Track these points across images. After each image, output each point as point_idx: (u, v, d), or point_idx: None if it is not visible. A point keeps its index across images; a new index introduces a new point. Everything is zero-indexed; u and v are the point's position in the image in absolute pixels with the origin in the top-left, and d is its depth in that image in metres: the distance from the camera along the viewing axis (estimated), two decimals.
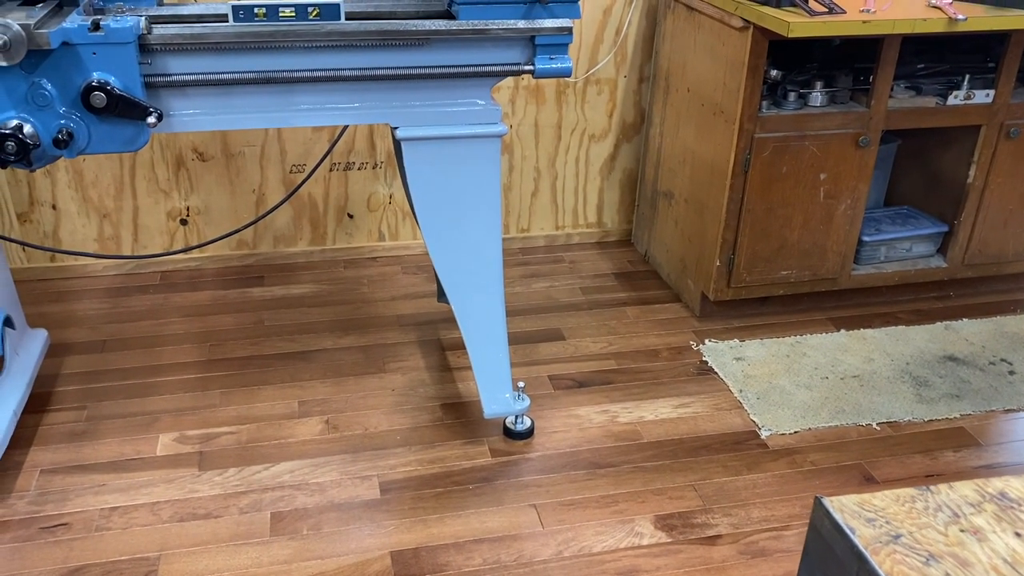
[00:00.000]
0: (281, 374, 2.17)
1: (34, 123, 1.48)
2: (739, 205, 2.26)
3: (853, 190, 2.30)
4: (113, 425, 1.99)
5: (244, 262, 2.68)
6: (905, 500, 0.61)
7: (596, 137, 2.77)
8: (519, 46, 1.69)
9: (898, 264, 2.50)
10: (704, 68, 2.32)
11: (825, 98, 2.23)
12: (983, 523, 0.60)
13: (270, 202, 2.62)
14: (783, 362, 2.27)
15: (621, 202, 2.90)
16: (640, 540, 1.70)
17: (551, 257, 2.83)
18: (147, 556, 1.64)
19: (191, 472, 1.84)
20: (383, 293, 2.57)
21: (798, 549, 1.69)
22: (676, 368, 2.25)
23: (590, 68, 2.65)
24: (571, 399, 2.12)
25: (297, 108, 1.67)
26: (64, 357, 2.22)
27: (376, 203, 2.71)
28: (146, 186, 2.54)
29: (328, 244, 2.73)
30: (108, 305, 2.48)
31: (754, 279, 2.36)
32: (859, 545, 0.57)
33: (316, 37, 1.59)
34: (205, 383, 2.13)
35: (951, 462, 1.95)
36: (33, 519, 1.71)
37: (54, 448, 1.91)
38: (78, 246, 2.57)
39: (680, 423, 2.05)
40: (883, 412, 2.10)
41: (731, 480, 1.87)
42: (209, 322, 2.40)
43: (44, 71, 1.47)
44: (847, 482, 1.88)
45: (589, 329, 2.42)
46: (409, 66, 1.65)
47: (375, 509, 1.76)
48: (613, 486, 1.85)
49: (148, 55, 1.53)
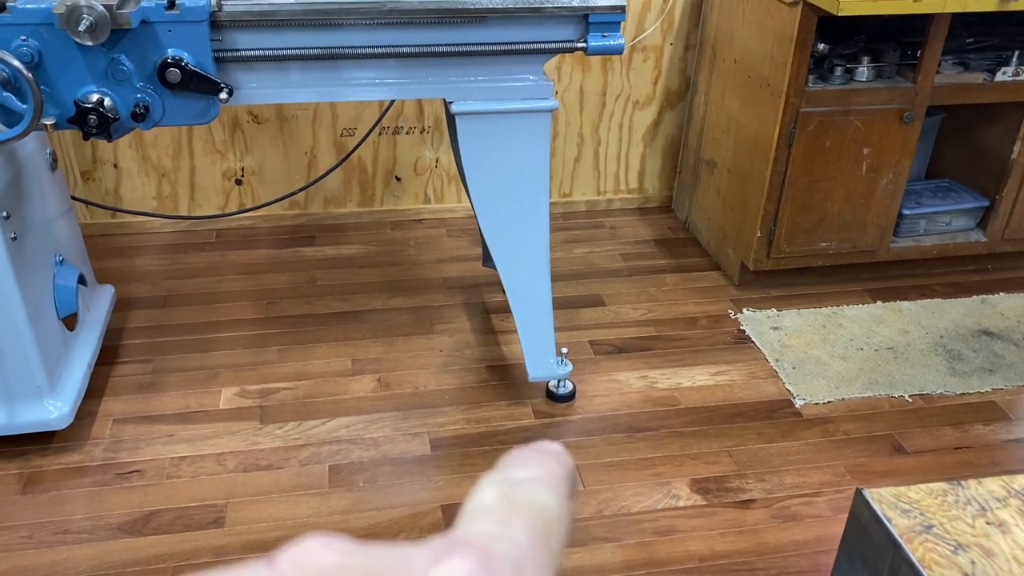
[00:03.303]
0: (335, 332, 2.27)
1: (113, 97, 1.56)
2: (782, 177, 2.29)
3: (896, 165, 2.33)
4: (178, 378, 2.10)
5: (296, 222, 2.78)
6: (938, 494, 0.69)
7: (640, 104, 2.81)
8: (572, 23, 1.73)
9: (937, 237, 2.53)
10: (751, 40, 2.34)
11: (871, 73, 2.24)
12: (1007, 517, 0.67)
13: (321, 164, 2.69)
14: (819, 332, 2.33)
15: (663, 169, 2.94)
16: (676, 502, 1.80)
17: (592, 222, 2.89)
18: (215, 503, 1.76)
19: (253, 425, 1.96)
20: (429, 255, 2.65)
21: (829, 515, 1.77)
22: (714, 336, 2.32)
23: (637, 36, 2.67)
24: (611, 364, 2.20)
25: (356, 82, 1.73)
26: (129, 312, 2.34)
27: (423, 167, 2.78)
28: (203, 147, 2.62)
29: (376, 206, 2.81)
30: (167, 261, 2.59)
31: (794, 250, 2.41)
32: (895, 533, 0.64)
33: (378, 15, 1.64)
34: (263, 340, 2.24)
35: (981, 435, 2.01)
36: (109, 465, 1.84)
37: (124, 399, 2.03)
38: (138, 204, 2.67)
39: (717, 390, 2.12)
40: (916, 384, 2.15)
41: (765, 447, 1.95)
42: (264, 280, 2.50)
43: (123, 48, 1.54)
44: (878, 452, 1.95)
45: (629, 295, 2.48)
46: (465, 43, 1.70)
47: (426, 464, 1.87)
48: (651, 450, 1.93)
49: (218, 31, 1.60)
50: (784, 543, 1.71)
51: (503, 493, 0.24)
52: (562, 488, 0.25)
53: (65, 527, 1.69)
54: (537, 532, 0.23)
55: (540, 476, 0.25)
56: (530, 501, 0.24)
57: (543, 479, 0.25)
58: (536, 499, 0.24)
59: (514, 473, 0.25)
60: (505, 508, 0.23)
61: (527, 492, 0.24)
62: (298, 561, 0.19)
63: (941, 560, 0.62)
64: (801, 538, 1.72)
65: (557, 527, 0.24)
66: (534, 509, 0.24)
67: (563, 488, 0.25)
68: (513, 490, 0.24)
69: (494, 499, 0.24)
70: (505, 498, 0.24)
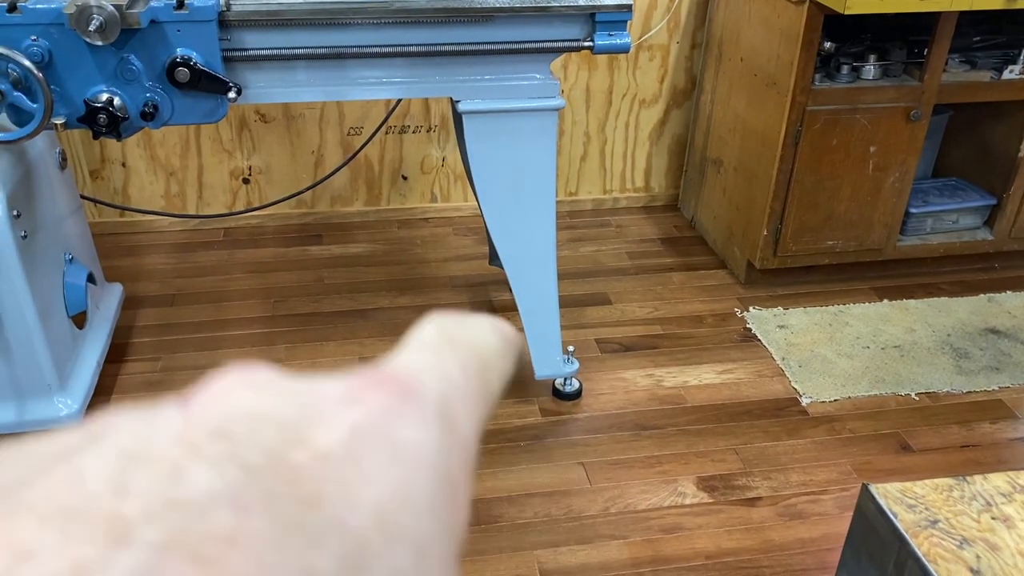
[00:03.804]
0: (342, 331, 2.28)
1: (123, 96, 1.58)
2: (788, 176, 2.29)
3: (902, 163, 2.32)
4: (186, 376, 2.11)
5: (303, 220, 2.79)
6: (943, 489, 0.69)
7: (646, 102, 2.81)
8: (579, 23, 1.74)
9: (944, 236, 2.53)
10: (758, 38, 2.34)
11: (878, 71, 2.24)
12: (1012, 512, 0.68)
13: (328, 163, 2.70)
14: (825, 331, 2.33)
15: (669, 167, 2.94)
16: (683, 500, 1.80)
17: (598, 221, 2.89)
18: None
19: None
20: (436, 254, 2.66)
21: (835, 513, 1.78)
22: (720, 334, 2.32)
23: (643, 34, 2.68)
24: (617, 362, 2.20)
25: (363, 81, 1.74)
26: (137, 310, 2.35)
27: (429, 166, 2.78)
28: (210, 146, 2.64)
29: (383, 205, 2.82)
30: (175, 260, 2.60)
31: (800, 248, 2.41)
32: (900, 528, 0.65)
33: (385, 14, 1.65)
34: (271, 338, 2.25)
35: (987, 433, 2.01)
36: None
37: (133, 396, 2.04)
38: (146, 203, 2.68)
39: (723, 388, 2.12)
40: (922, 382, 2.15)
41: (771, 445, 1.95)
42: (271, 279, 2.51)
43: (132, 47, 1.55)
44: (884, 450, 1.95)
45: (635, 294, 2.49)
46: (472, 42, 1.71)
47: None
48: (657, 447, 1.94)
49: (227, 31, 1.61)
50: (790, 541, 1.72)
51: (442, 328, 0.23)
52: (505, 334, 0.25)
53: None
54: (472, 367, 0.22)
55: (484, 321, 0.25)
56: (469, 337, 0.23)
57: (486, 322, 0.25)
58: (476, 335, 0.24)
59: (460, 317, 0.25)
60: (442, 342, 0.23)
61: (467, 329, 0.24)
62: (205, 403, 0.18)
63: (946, 555, 0.63)
64: (807, 536, 1.73)
65: (497, 363, 0.24)
66: (472, 345, 0.23)
67: (506, 335, 0.25)
68: (454, 327, 0.24)
69: (432, 335, 0.23)
70: (443, 332, 0.23)
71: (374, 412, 0.19)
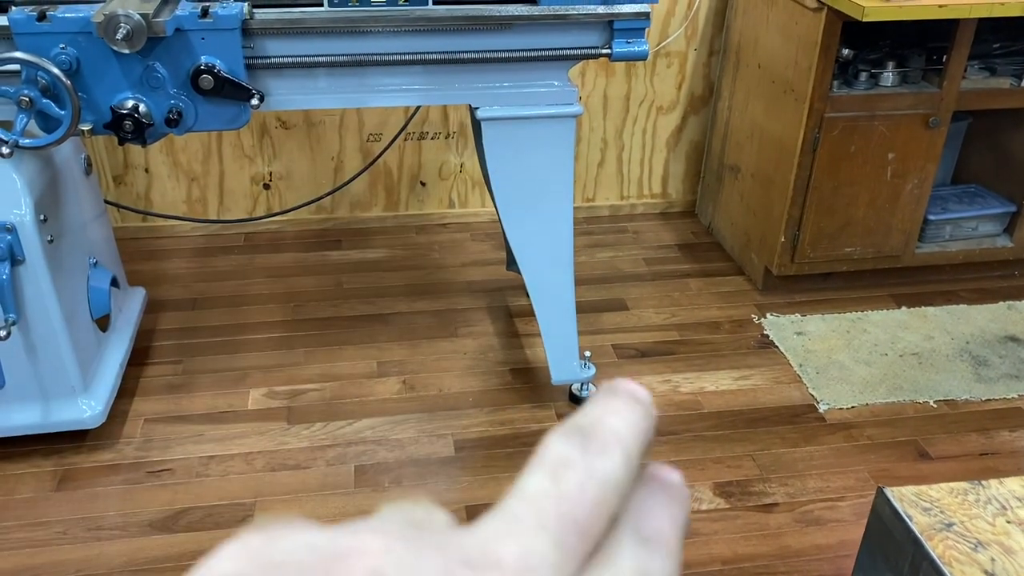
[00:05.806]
0: (360, 335, 2.30)
1: (148, 103, 1.60)
2: (806, 183, 2.30)
3: (921, 170, 2.32)
4: (207, 379, 2.14)
5: (322, 226, 2.81)
6: (959, 492, 0.70)
7: (664, 109, 2.82)
8: (597, 30, 1.75)
9: (963, 243, 2.52)
10: (776, 45, 2.35)
11: (897, 78, 2.24)
12: None
13: (348, 169, 2.73)
14: (843, 338, 2.33)
15: (686, 174, 2.95)
16: (699, 505, 1.80)
17: (615, 227, 2.90)
18: (243, 502, 1.79)
19: (280, 425, 1.99)
20: (453, 259, 2.68)
21: (851, 519, 1.77)
22: (737, 341, 2.32)
23: (661, 41, 2.69)
24: (634, 368, 2.21)
25: (382, 89, 1.76)
26: (159, 313, 2.38)
27: (447, 172, 2.80)
28: (232, 152, 2.67)
29: (401, 210, 2.84)
30: (196, 264, 2.63)
31: (818, 255, 2.41)
32: (916, 531, 0.65)
33: (405, 22, 1.67)
34: (290, 342, 2.27)
35: (1007, 441, 2.00)
36: (140, 463, 1.88)
37: (155, 399, 2.07)
38: (168, 208, 2.72)
39: (740, 395, 2.13)
40: (941, 390, 2.14)
41: (788, 451, 1.95)
42: (291, 283, 2.53)
43: (157, 55, 1.58)
44: (902, 457, 1.95)
45: (652, 300, 2.49)
46: (491, 49, 1.72)
47: (450, 465, 1.89)
48: (674, 453, 1.94)
49: (250, 39, 1.63)
50: (807, 547, 1.71)
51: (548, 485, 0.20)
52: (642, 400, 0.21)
53: (98, 523, 1.73)
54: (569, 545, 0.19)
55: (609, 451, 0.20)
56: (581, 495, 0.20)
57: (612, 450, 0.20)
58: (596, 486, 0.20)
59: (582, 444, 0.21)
60: (530, 515, 0.19)
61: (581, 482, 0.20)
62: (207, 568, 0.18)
63: (961, 557, 0.63)
64: (824, 542, 1.72)
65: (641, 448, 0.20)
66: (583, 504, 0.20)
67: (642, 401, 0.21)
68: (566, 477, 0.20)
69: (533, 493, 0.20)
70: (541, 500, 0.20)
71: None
